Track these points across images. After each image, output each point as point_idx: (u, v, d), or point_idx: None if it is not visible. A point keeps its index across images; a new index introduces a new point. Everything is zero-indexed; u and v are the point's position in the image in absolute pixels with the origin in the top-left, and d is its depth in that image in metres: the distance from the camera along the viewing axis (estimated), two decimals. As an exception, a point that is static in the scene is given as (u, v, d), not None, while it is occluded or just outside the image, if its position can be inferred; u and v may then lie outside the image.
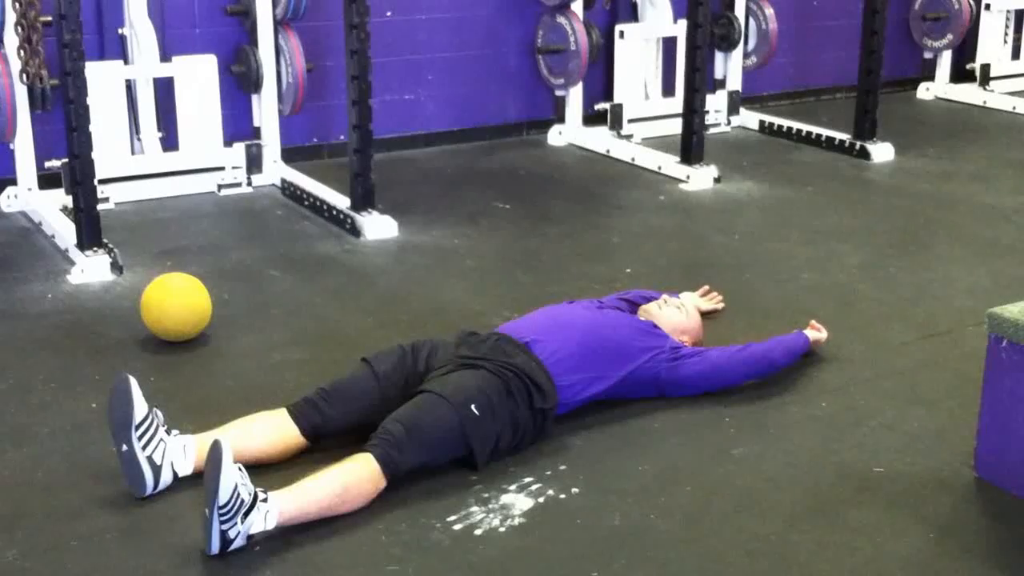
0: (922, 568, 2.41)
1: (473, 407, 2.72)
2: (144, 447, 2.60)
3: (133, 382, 2.62)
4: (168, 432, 2.68)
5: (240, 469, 2.42)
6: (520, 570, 2.40)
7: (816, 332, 3.40)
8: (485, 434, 2.73)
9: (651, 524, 2.56)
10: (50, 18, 4.14)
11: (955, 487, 2.72)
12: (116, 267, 4.08)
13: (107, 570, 2.38)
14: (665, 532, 2.53)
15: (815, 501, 2.65)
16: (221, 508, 2.36)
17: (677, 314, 3.31)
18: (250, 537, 2.43)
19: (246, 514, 2.40)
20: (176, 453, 2.66)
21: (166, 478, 2.64)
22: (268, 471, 2.73)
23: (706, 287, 3.79)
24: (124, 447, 2.60)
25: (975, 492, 2.71)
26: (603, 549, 2.46)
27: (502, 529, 2.52)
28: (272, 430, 2.78)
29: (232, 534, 2.38)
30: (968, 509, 2.66)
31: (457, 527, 2.53)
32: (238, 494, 2.38)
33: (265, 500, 2.44)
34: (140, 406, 2.60)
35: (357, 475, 2.57)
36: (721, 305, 3.76)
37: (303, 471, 2.63)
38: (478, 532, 2.51)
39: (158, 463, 2.62)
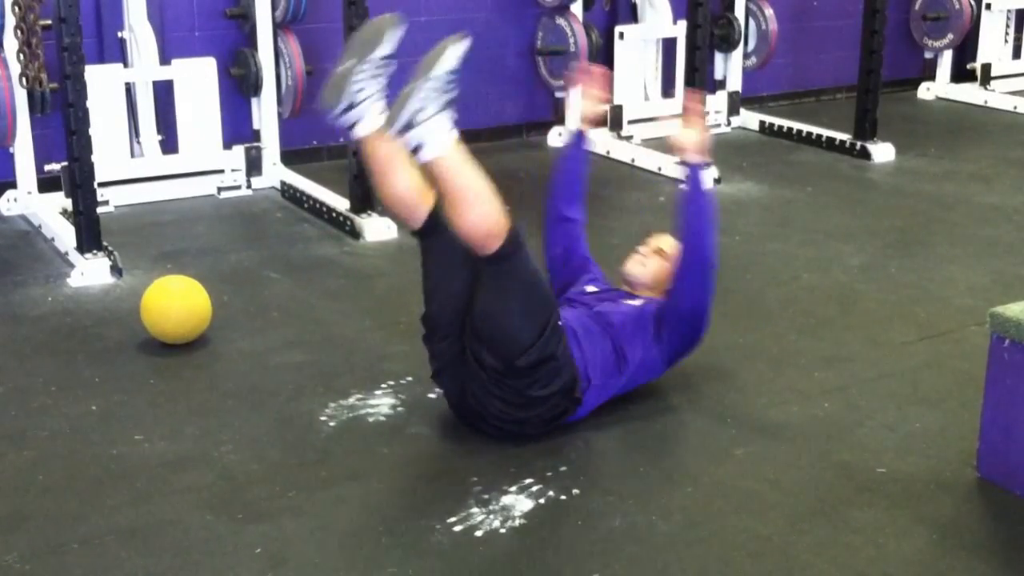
0: (924, 568, 2.40)
1: (561, 322, 2.82)
2: (359, 82, 2.75)
3: (397, 30, 2.78)
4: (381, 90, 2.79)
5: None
6: (521, 571, 2.39)
7: (687, 133, 3.14)
8: (552, 342, 2.76)
9: (652, 525, 2.55)
10: (49, 22, 4.14)
11: (957, 487, 2.71)
12: (116, 270, 4.08)
13: (108, 573, 2.37)
14: (666, 533, 2.52)
15: (816, 502, 2.64)
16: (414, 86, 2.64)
17: (642, 269, 3.22)
18: (410, 129, 2.64)
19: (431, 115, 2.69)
20: (374, 111, 2.80)
21: (354, 117, 2.79)
22: (286, 471, 2.73)
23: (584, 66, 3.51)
24: (348, 63, 2.73)
25: (977, 492, 2.70)
26: (604, 550, 2.45)
27: (503, 530, 2.52)
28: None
29: (407, 117, 2.65)
30: (970, 509, 2.65)
31: (457, 528, 2.52)
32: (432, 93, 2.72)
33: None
34: (387, 48, 2.78)
35: (499, 206, 2.71)
36: (599, 82, 3.42)
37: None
38: (479, 533, 2.51)
39: (359, 102, 2.77)
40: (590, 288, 3.30)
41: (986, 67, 7.22)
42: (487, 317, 2.78)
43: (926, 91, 7.32)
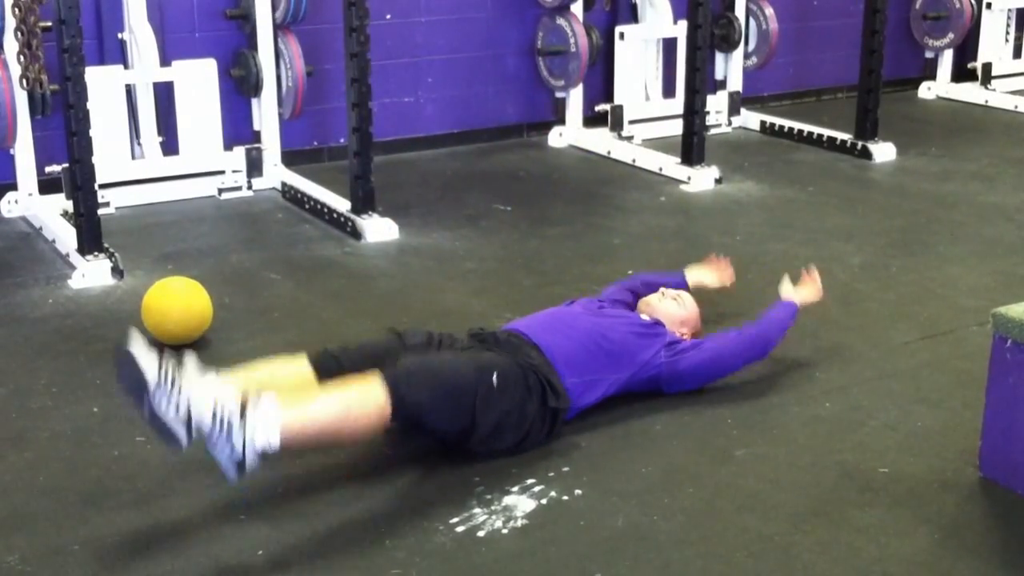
0: (927, 568, 2.40)
1: (494, 376, 2.73)
2: (167, 408, 2.39)
3: (135, 348, 2.41)
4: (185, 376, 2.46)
5: (210, 384, 2.39)
6: (523, 572, 2.39)
7: (806, 292, 3.40)
8: (492, 407, 2.72)
9: (654, 525, 2.55)
10: (50, 23, 4.14)
11: (959, 487, 2.71)
12: (117, 271, 4.07)
13: (109, 575, 2.37)
14: (668, 533, 2.52)
15: (818, 502, 2.64)
16: (210, 430, 2.34)
17: (674, 306, 3.30)
18: (263, 455, 2.38)
19: (241, 421, 2.35)
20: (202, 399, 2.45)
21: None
22: (289, 471, 2.73)
23: (712, 255, 3.74)
24: (147, 410, 2.41)
25: (979, 491, 2.70)
26: (606, 550, 2.45)
27: (505, 531, 2.52)
28: (292, 372, 2.78)
29: (238, 452, 2.35)
30: (972, 509, 2.65)
31: (460, 529, 2.52)
32: (220, 411, 2.34)
33: (258, 400, 2.39)
34: (150, 367, 2.40)
35: (361, 394, 2.55)
36: (731, 280, 3.70)
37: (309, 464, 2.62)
38: (481, 534, 2.50)
39: (186, 418, 2.43)
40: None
41: (987, 66, 7.22)
42: (425, 428, 2.77)
43: (927, 90, 7.32)
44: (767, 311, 3.31)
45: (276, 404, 2.43)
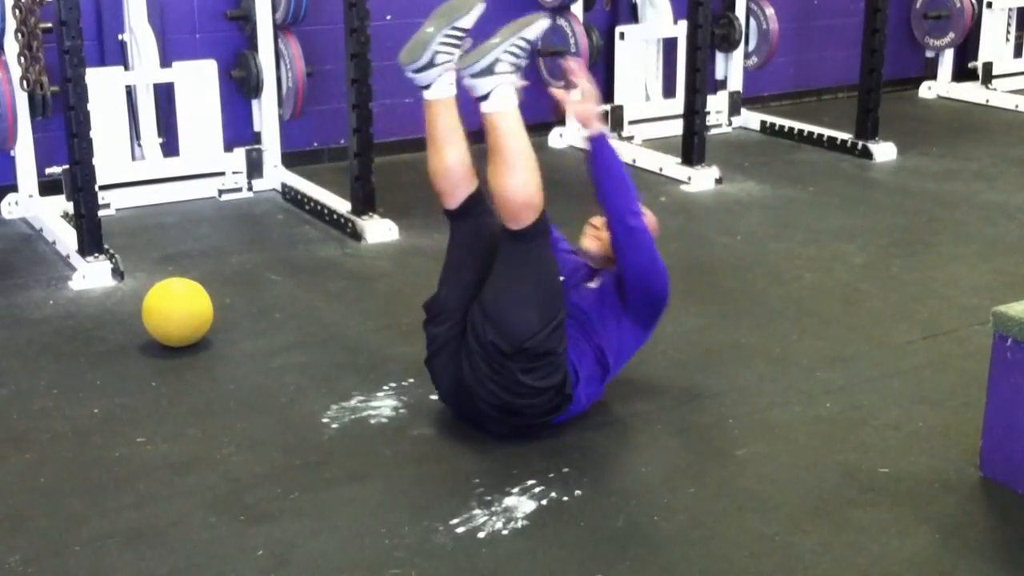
0: (928, 568, 2.39)
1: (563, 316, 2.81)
2: (441, 44, 2.87)
3: (480, 8, 2.89)
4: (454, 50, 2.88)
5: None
6: (523, 573, 2.39)
7: (579, 105, 3.02)
8: (557, 338, 2.77)
9: (655, 526, 2.55)
10: (50, 24, 4.14)
11: (960, 486, 2.71)
12: (117, 273, 4.07)
13: (110, 575, 2.38)
14: (669, 533, 2.52)
15: (819, 501, 2.64)
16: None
17: (594, 244, 3.13)
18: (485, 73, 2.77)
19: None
20: (447, 78, 2.90)
21: (429, 78, 2.91)
22: (288, 473, 2.73)
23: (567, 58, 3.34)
24: (430, 28, 2.84)
25: (980, 491, 2.70)
26: (606, 551, 2.45)
27: (505, 532, 2.51)
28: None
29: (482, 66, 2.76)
30: (974, 508, 2.65)
31: (460, 530, 2.52)
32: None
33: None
34: (469, 21, 2.88)
35: (538, 171, 2.80)
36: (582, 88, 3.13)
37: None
38: (481, 535, 2.50)
39: (436, 64, 2.87)
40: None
41: (987, 66, 7.21)
42: (499, 294, 2.79)
43: (927, 90, 7.31)
44: (597, 182, 2.98)
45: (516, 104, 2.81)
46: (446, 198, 2.95)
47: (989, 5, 7.19)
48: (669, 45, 6.26)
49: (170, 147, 5.09)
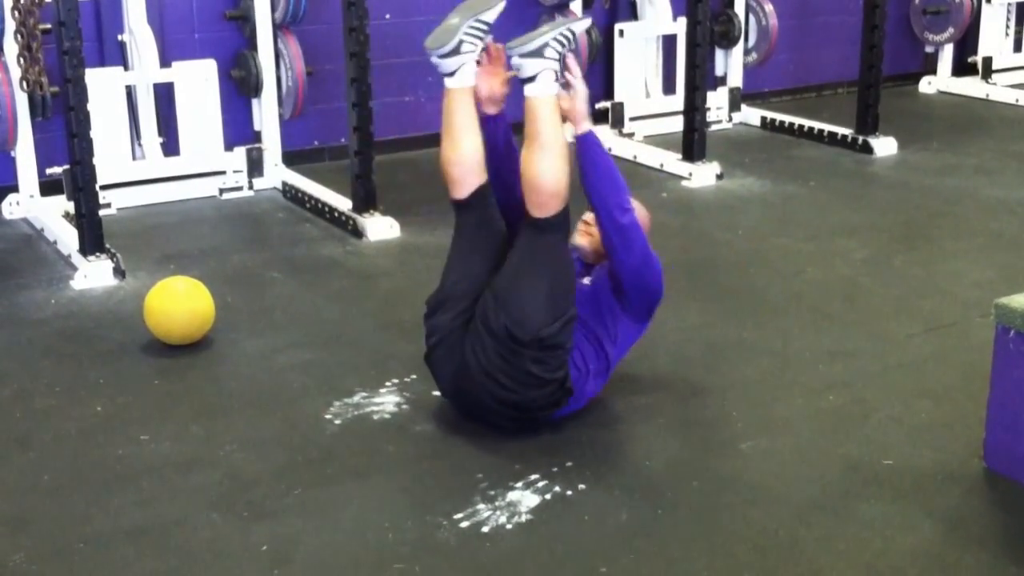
0: (932, 560, 2.39)
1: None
2: (466, 34, 2.91)
3: (502, 5, 2.97)
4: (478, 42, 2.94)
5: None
6: (528, 568, 2.39)
7: (570, 101, 2.98)
8: (568, 331, 2.80)
9: (658, 519, 2.54)
10: (50, 25, 4.14)
11: (964, 478, 2.71)
12: (118, 272, 4.07)
13: (114, 574, 2.37)
14: (672, 527, 2.52)
15: (823, 495, 2.64)
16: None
17: (589, 239, 3.08)
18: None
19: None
20: (471, 68, 2.98)
21: (454, 65, 2.96)
22: (291, 470, 2.73)
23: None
24: (455, 19, 2.89)
25: (984, 483, 2.70)
26: (611, 545, 2.45)
27: (509, 526, 2.51)
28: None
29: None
30: (977, 500, 2.64)
31: (464, 525, 2.52)
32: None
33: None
34: (493, 15, 2.94)
35: (568, 162, 2.84)
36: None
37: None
38: (485, 530, 2.50)
39: (461, 52, 2.93)
40: None
41: (987, 60, 7.21)
42: (513, 282, 2.79)
43: (927, 85, 7.31)
44: (586, 178, 2.92)
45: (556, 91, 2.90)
46: (455, 187, 2.96)
47: (988, 0, 7.19)
48: (669, 42, 6.25)
49: (170, 147, 5.09)
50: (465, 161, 2.95)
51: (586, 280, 3.05)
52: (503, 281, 2.81)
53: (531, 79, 2.87)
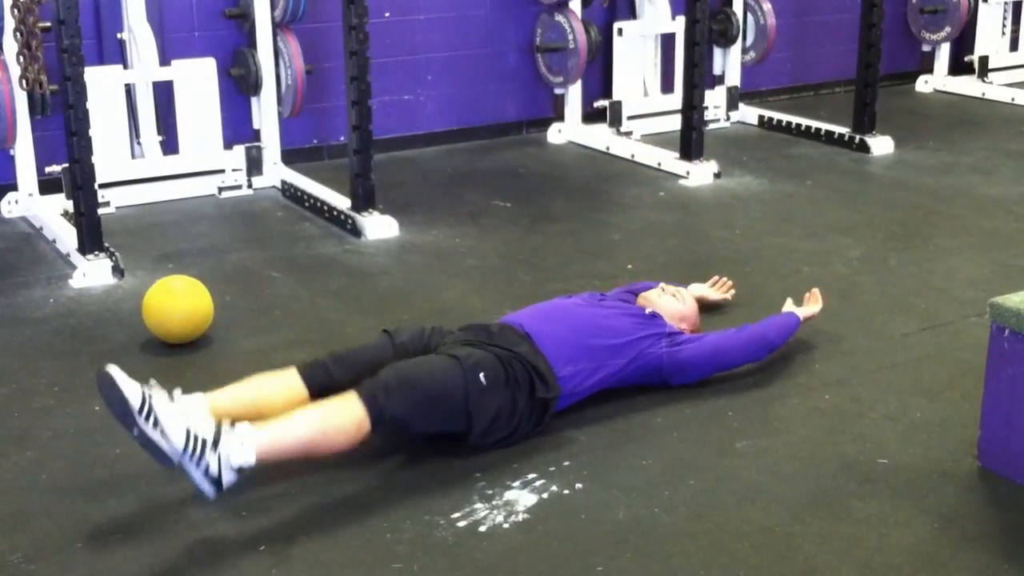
0: (927, 558, 2.41)
1: (481, 375, 2.75)
2: (154, 426, 2.44)
3: (115, 373, 2.49)
4: (172, 397, 2.55)
5: (183, 412, 2.45)
6: (525, 566, 2.40)
7: (809, 308, 3.42)
8: (487, 404, 2.75)
9: (655, 518, 2.56)
10: (49, 24, 4.14)
11: (959, 477, 2.72)
12: (117, 271, 4.08)
13: (112, 572, 2.38)
14: (669, 526, 2.53)
15: (819, 493, 2.65)
16: (183, 453, 2.39)
17: (674, 302, 3.32)
18: (239, 471, 2.44)
19: (215, 445, 2.41)
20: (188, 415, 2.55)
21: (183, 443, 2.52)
22: (289, 469, 2.74)
23: (715, 277, 3.77)
24: (135, 432, 2.47)
25: (979, 481, 2.71)
26: (608, 544, 2.46)
27: (506, 525, 2.53)
28: (281, 387, 2.78)
29: (214, 470, 2.41)
30: (972, 498, 2.66)
31: (461, 524, 2.53)
32: (193, 434, 2.40)
33: (232, 427, 2.45)
34: (133, 392, 2.46)
35: (338, 412, 2.58)
36: (731, 294, 3.75)
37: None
38: (482, 529, 2.51)
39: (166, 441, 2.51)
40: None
41: (984, 59, 7.22)
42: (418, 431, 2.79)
43: (924, 84, 7.32)
44: (770, 317, 3.34)
45: (250, 428, 2.49)
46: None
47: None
48: (667, 41, 6.26)
49: (170, 145, 5.10)
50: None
51: (651, 311, 3.18)
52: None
53: (239, 471, 2.49)
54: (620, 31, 6.08)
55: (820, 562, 2.39)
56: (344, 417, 2.59)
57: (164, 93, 5.05)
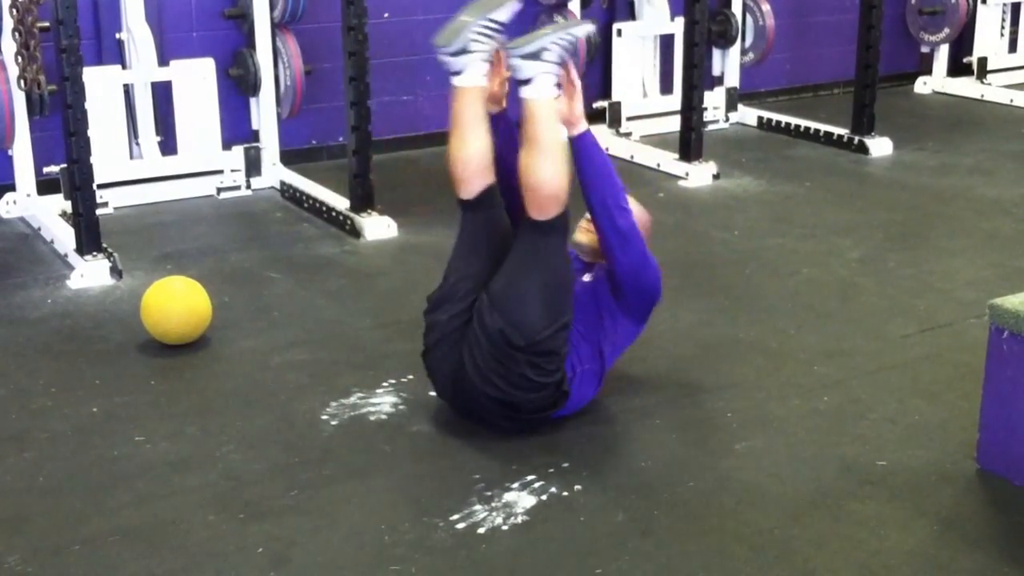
0: (926, 560, 2.40)
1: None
2: (476, 33, 2.91)
3: (515, 4, 2.95)
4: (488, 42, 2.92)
5: None
6: (524, 568, 2.40)
7: (566, 104, 2.98)
8: (564, 333, 2.80)
9: (654, 520, 2.55)
10: (47, 24, 4.14)
11: (958, 478, 2.72)
12: (116, 271, 4.08)
13: (110, 574, 2.38)
14: (668, 528, 2.53)
15: (818, 495, 2.65)
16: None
17: (590, 237, 3.08)
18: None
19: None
20: (480, 68, 2.94)
21: (462, 64, 2.93)
22: (288, 470, 2.74)
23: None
24: (466, 17, 2.88)
25: (978, 483, 2.71)
26: (607, 546, 2.46)
27: (505, 527, 2.52)
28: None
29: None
30: (971, 500, 2.66)
31: (460, 526, 2.52)
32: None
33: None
34: (504, 14, 2.94)
35: (567, 166, 2.82)
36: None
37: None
38: (481, 531, 2.51)
39: (470, 51, 2.91)
40: None
41: (983, 61, 7.22)
42: (509, 284, 2.80)
43: (923, 85, 7.32)
44: (585, 180, 2.93)
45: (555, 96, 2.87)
46: (462, 187, 2.94)
47: (984, 0, 7.20)
48: (666, 41, 6.26)
49: (168, 145, 5.09)
50: (472, 161, 2.92)
51: (586, 277, 3.06)
52: (500, 284, 2.81)
53: (528, 81, 2.85)
54: (619, 32, 6.07)
55: (819, 564, 2.39)
56: (567, 178, 2.81)
57: (163, 93, 5.05)
